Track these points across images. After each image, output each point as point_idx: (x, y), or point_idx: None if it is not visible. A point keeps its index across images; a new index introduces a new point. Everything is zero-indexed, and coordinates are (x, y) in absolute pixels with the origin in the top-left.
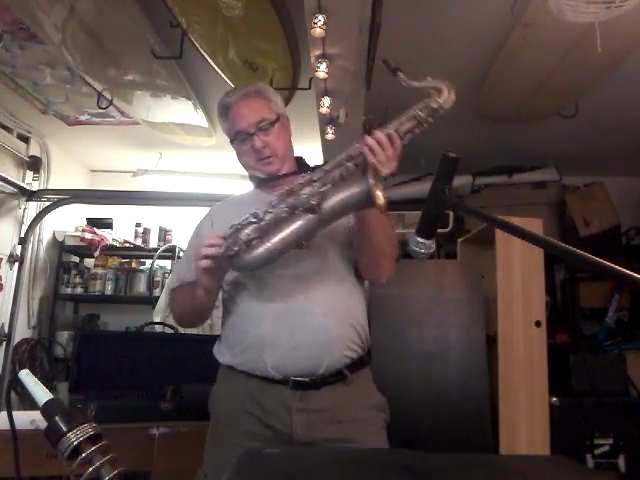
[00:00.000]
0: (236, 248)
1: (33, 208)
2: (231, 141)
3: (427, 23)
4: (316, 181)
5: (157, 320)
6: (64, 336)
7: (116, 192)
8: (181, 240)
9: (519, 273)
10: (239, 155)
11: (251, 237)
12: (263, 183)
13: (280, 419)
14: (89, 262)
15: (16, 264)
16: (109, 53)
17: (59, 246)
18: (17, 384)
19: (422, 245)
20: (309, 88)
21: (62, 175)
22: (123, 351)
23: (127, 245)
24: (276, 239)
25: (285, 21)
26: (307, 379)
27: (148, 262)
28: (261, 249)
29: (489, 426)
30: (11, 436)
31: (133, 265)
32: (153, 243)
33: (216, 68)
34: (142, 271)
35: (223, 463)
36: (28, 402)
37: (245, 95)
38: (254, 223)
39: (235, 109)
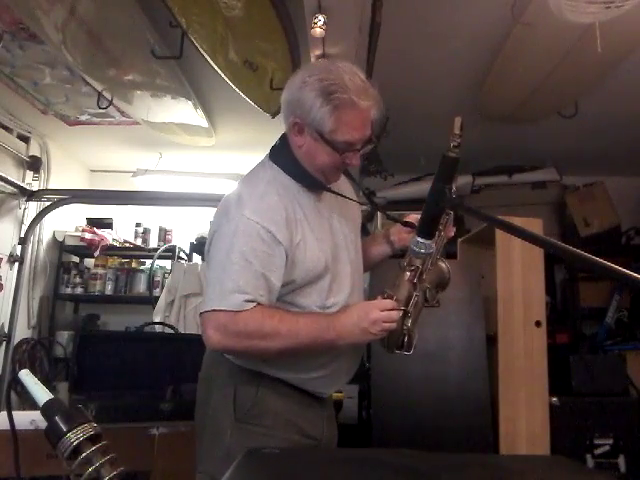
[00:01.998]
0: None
1: (33, 208)
2: (296, 125)
3: (427, 23)
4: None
5: (157, 320)
6: (64, 336)
7: (116, 192)
8: (181, 240)
9: (519, 273)
10: (313, 151)
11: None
12: (314, 184)
13: (317, 427)
14: (89, 262)
15: (16, 264)
16: (109, 53)
17: (59, 246)
18: (17, 384)
19: (422, 245)
20: None
21: (62, 175)
22: (123, 351)
23: (127, 245)
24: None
25: (285, 21)
26: None
27: (148, 262)
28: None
29: (489, 426)
30: (11, 436)
31: (133, 265)
32: (153, 243)
33: (216, 68)
34: (142, 271)
35: None
36: (28, 402)
37: (373, 104)
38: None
39: (359, 116)
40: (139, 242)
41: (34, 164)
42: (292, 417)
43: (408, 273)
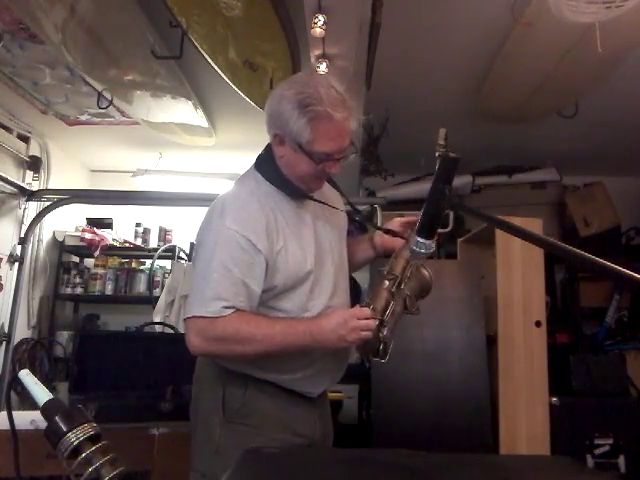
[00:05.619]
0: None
1: (33, 208)
2: (277, 136)
3: (427, 23)
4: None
5: (157, 320)
6: (64, 336)
7: (116, 192)
8: (181, 240)
9: (519, 273)
10: (294, 161)
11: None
12: (296, 193)
13: (309, 426)
14: (89, 262)
15: (16, 264)
16: (109, 53)
17: (59, 246)
18: (17, 384)
19: (422, 245)
20: None
21: (62, 175)
22: (123, 351)
23: (127, 245)
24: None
25: (285, 21)
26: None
27: (148, 262)
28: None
29: (489, 426)
30: (11, 436)
31: (133, 265)
32: (153, 243)
33: (216, 68)
34: (142, 271)
35: None
36: (28, 402)
37: (349, 113)
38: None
39: (335, 127)
40: (139, 242)
41: (34, 164)
42: (282, 416)
43: (387, 282)
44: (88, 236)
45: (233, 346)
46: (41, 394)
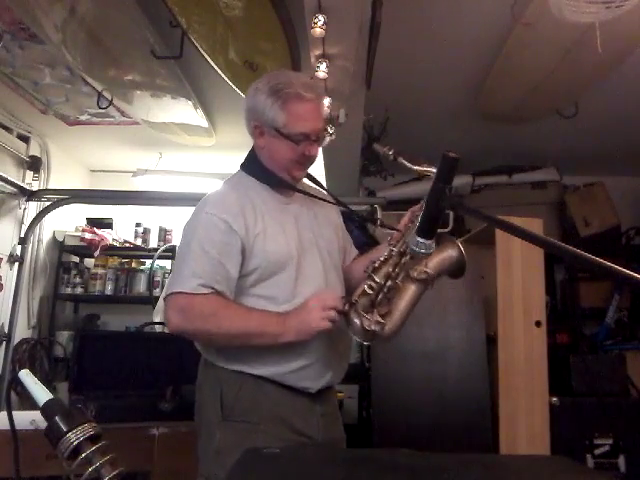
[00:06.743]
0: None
1: (33, 208)
2: (256, 128)
3: (427, 23)
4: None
5: (157, 320)
6: (64, 336)
7: (116, 192)
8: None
9: (519, 273)
10: (274, 148)
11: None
12: (279, 184)
13: (310, 424)
14: (89, 262)
15: (16, 264)
16: (109, 53)
17: (59, 246)
18: (17, 384)
19: (422, 245)
20: None
21: (62, 175)
22: (123, 351)
23: (127, 245)
24: (403, 308)
25: (285, 21)
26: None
27: (148, 262)
28: (396, 317)
29: (489, 426)
30: (11, 436)
31: (133, 265)
32: (153, 243)
33: (216, 68)
34: (142, 271)
35: None
36: (28, 402)
37: (319, 96)
38: (368, 294)
39: (307, 107)
40: (139, 242)
41: (34, 164)
42: (280, 412)
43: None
44: (88, 236)
45: (209, 326)
46: (41, 394)
